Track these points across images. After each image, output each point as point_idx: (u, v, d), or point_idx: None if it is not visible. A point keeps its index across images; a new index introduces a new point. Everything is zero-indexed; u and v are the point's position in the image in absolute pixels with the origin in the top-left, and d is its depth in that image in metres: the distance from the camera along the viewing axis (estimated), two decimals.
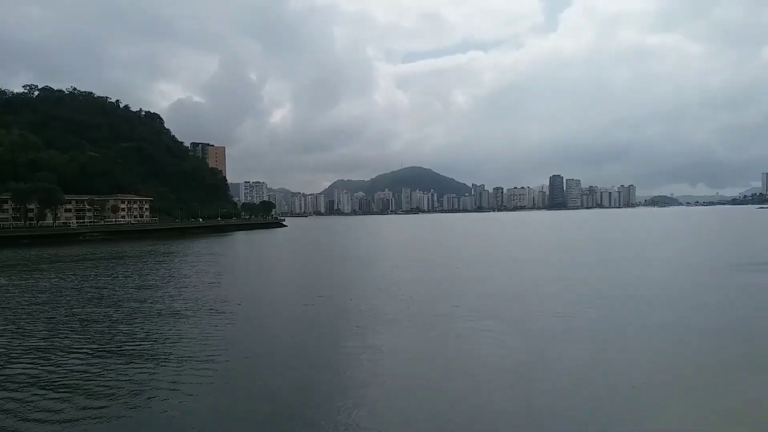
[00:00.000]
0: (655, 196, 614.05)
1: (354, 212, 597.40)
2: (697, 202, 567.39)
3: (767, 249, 62.40)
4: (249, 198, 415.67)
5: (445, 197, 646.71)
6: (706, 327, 24.19)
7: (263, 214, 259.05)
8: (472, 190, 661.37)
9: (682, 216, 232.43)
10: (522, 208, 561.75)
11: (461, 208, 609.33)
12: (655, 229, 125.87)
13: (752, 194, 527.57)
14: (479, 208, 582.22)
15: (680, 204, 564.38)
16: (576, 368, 18.41)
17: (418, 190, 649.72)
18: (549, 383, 16.92)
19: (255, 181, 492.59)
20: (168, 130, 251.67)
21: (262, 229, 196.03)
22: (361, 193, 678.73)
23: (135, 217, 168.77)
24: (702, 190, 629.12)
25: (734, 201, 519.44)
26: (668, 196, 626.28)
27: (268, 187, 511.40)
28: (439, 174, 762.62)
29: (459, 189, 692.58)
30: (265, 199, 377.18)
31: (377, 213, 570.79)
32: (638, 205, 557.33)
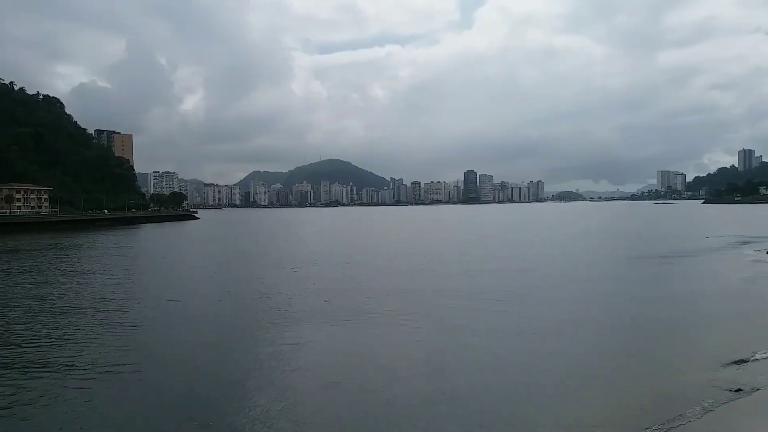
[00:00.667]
0: (562, 192, 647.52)
1: (271, 205, 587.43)
2: (600, 197, 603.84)
3: (662, 243, 67.68)
4: (159, 189, 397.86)
5: (364, 190, 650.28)
6: (606, 318, 26.18)
7: (174, 206, 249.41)
8: (391, 183, 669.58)
9: (586, 210, 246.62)
10: (438, 202, 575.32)
11: (380, 201, 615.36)
12: (563, 223, 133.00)
13: (648, 190, 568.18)
14: (398, 202, 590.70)
15: (584, 199, 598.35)
16: (485, 359, 19.46)
17: (337, 183, 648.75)
18: (461, 374, 17.79)
19: (165, 171, 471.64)
20: (69, 115, 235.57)
21: (172, 221, 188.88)
22: (278, 185, 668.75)
23: (33, 208, 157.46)
24: (605, 186, 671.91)
25: (633, 197, 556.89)
26: (574, 191, 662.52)
27: (180, 177, 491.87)
28: (358, 167, 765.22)
29: (378, 182, 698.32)
30: (176, 190, 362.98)
31: (295, 206, 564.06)
32: (546, 200, 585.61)
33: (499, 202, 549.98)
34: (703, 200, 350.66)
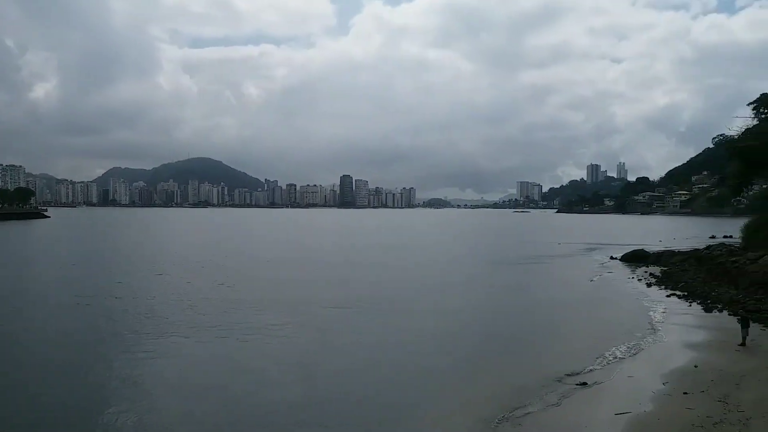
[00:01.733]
0: (432, 199, 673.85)
1: (133, 204, 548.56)
2: (466, 205, 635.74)
3: (521, 248, 72.85)
4: (2, 183, 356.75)
5: (236, 191, 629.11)
6: (467, 319, 27.71)
7: (19, 203, 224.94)
8: (266, 185, 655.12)
9: (454, 217, 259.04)
10: (314, 205, 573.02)
11: (254, 203, 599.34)
12: (434, 228, 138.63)
13: (509, 199, 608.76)
14: (272, 204, 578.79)
15: (452, 206, 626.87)
16: (351, 361, 19.84)
17: (207, 182, 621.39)
18: (329, 380, 18.02)
19: (10, 164, 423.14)
20: None
21: (17, 219, 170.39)
22: (141, 183, 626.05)
23: None
24: (470, 195, 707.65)
25: (495, 205, 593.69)
26: (442, 198, 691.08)
27: (27, 171, 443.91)
28: (230, 167, 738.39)
29: (251, 183, 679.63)
30: (23, 185, 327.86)
31: (160, 205, 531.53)
32: (418, 206, 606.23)
33: (374, 207, 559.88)
34: (556, 209, 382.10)
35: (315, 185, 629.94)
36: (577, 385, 16.90)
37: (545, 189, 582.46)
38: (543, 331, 25.21)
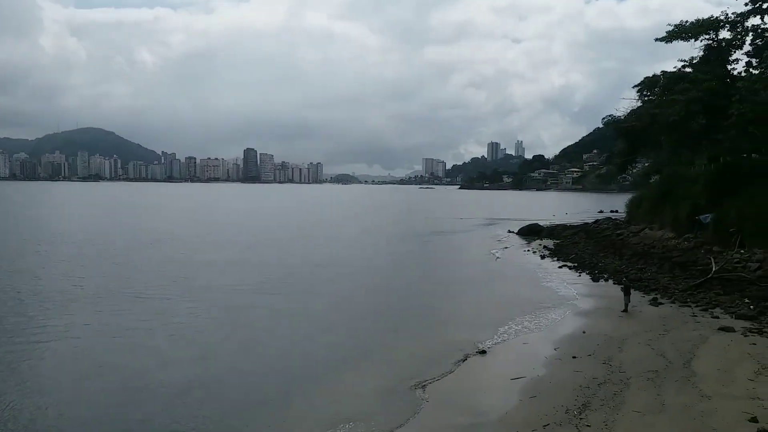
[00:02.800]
0: (340, 174, 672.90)
1: (14, 177, 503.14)
2: (373, 180, 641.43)
3: (425, 223, 74.44)
4: None
5: (131, 164, 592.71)
6: (376, 292, 27.98)
7: None
8: (162, 158, 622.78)
9: (362, 193, 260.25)
10: (216, 179, 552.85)
11: (150, 177, 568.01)
12: (344, 204, 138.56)
13: (415, 176, 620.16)
14: (170, 178, 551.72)
15: (360, 182, 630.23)
16: (253, 338, 19.49)
17: (98, 154, 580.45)
18: (228, 353, 17.67)
19: None
20: None
21: None
22: (23, 155, 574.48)
23: None
24: (377, 171, 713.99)
25: (401, 181, 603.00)
26: (350, 174, 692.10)
27: None
28: (123, 138, 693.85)
29: (147, 156, 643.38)
30: None
31: (45, 179, 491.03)
32: (325, 182, 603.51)
33: (280, 182, 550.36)
34: (459, 186, 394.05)
35: (217, 159, 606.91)
36: (476, 353, 17.58)
37: (449, 166, 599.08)
38: (444, 305, 25.96)
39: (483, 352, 17.69)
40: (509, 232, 58.58)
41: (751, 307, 21.84)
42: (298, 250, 44.13)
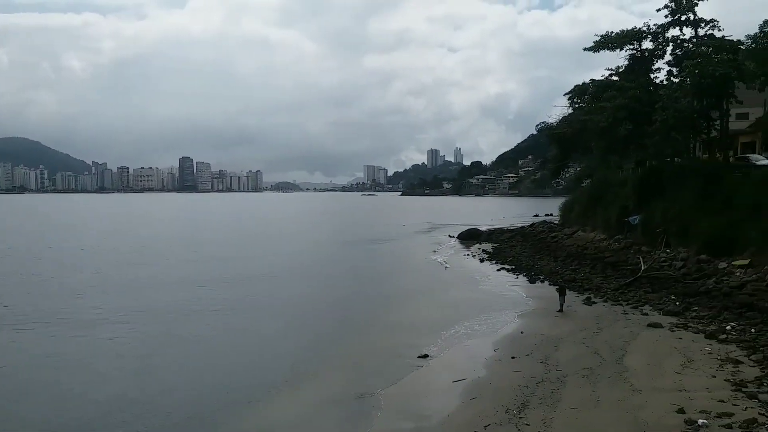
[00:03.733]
0: (280, 182, 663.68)
1: None
2: (315, 188, 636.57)
3: (369, 230, 74.46)
4: None
5: (59, 175, 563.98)
6: (317, 302, 27.71)
7: None
8: (93, 168, 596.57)
9: (304, 201, 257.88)
10: (151, 189, 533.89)
11: (80, 188, 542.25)
12: (286, 213, 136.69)
13: (357, 183, 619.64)
14: (102, 189, 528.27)
15: (301, 190, 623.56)
16: (195, 354, 18.90)
17: (23, 165, 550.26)
18: (167, 370, 17.10)
19: None
20: None
21: None
22: None
23: None
24: (319, 178, 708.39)
25: (343, 188, 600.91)
26: (291, 182, 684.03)
27: None
28: (50, 148, 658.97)
29: (76, 167, 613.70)
30: None
31: None
32: (265, 190, 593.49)
33: (218, 191, 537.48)
34: (401, 192, 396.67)
35: (151, 168, 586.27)
36: (418, 358, 17.64)
37: (390, 173, 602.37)
38: (387, 312, 25.85)
39: (425, 356, 17.77)
40: (450, 236, 59.41)
41: (677, 303, 22.96)
42: (237, 262, 43.14)
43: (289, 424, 13.06)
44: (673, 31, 39.33)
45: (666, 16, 38.75)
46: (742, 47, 33.23)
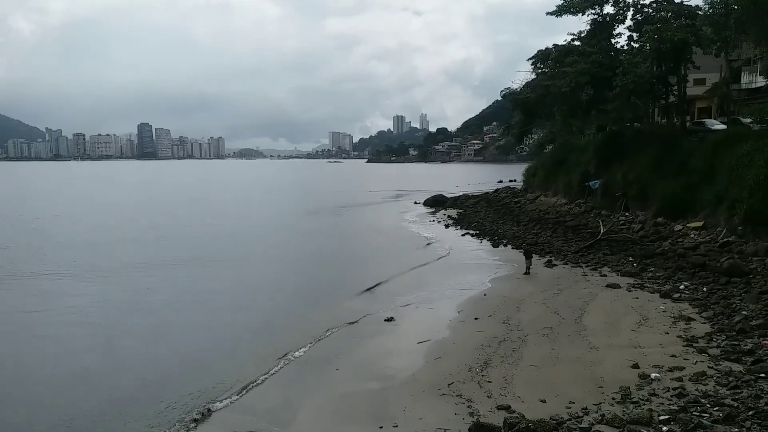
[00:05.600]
0: (243, 149, 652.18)
1: None
2: (279, 155, 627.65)
3: (337, 197, 74.11)
4: None
5: (10, 142, 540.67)
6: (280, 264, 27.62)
7: None
8: (47, 135, 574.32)
9: (269, 168, 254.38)
10: (109, 157, 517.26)
11: (33, 156, 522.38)
12: (252, 180, 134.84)
13: (322, 149, 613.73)
14: (56, 157, 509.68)
15: (265, 157, 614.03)
16: (151, 324, 18.74)
17: None
18: (129, 340, 16.88)
19: None
20: None
21: None
22: None
23: None
24: (283, 145, 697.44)
25: (309, 155, 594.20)
26: (254, 149, 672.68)
27: None
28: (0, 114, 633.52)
29: (29, 133, 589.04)
30: None
31: None
32: (228, 157, 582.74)
33: (178, 158, 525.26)
34: (367, 159, 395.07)
35: (108, 135, 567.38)
36: (384, 321, 17.85)
37: (356, 139, 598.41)
38: (353, 276, 26.02)
39: (391, 319, 17.98)
40: (416, 203, 59.65)
41: (635, 264, 23.71)
42: (202, 230, 42.51)
43: (252, 393, 13.06)
44: None
45: None
46: (699, 12, 33.72)
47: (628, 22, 40.58)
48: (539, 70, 45.57)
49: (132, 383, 13.63)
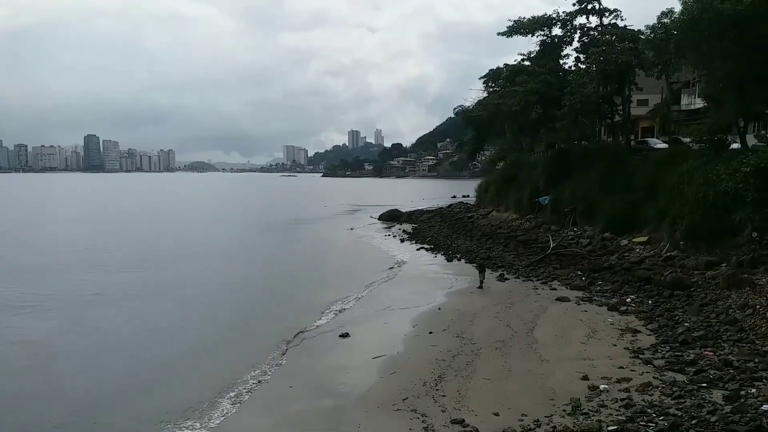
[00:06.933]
0: (194, 162, 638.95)
1: None
2: (232, 168, 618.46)
3: (291, 211, 73.30)
4: None
5: None
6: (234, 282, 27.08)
7: None
8: None
9: (221, 182, 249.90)
10: (53, 169, 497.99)
11: None
12: (203, 194, 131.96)
13: (276, 163, 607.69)
14: None
15: (217, 170, 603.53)
16: (99, 344, 18.08)
17: None
18: (75, 361, 16.21)
19: None
20: None
21: None
22: None
23: None
24: (236, 158, 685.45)
25: (262, 169, 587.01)
26: (206, 162, 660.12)
27: None
28: None
29: None
30: None
31: None
32: (178, 170, 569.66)
33: (127, 171, 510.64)
34: (322, 174, 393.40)
35: (53, 146, 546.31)
36: (339, 336, 17.70)
37: (311, 153, 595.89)
38: (307, 292, 25.81)
39: (346, 335, 17.83)
40: (371, 217, 59.65)
41: (583, 278, 24.36)
42: (150, 245, 41.30)
43: (201, 413, 12.69)
44: (581, 19, 41.25)
45: (574, 4, 40.54)
46: (642, 37, 35.27)
47: (576, 44, 42.15)
48: (491, 89, 46.65)
49: (66, 406, 13.06)
